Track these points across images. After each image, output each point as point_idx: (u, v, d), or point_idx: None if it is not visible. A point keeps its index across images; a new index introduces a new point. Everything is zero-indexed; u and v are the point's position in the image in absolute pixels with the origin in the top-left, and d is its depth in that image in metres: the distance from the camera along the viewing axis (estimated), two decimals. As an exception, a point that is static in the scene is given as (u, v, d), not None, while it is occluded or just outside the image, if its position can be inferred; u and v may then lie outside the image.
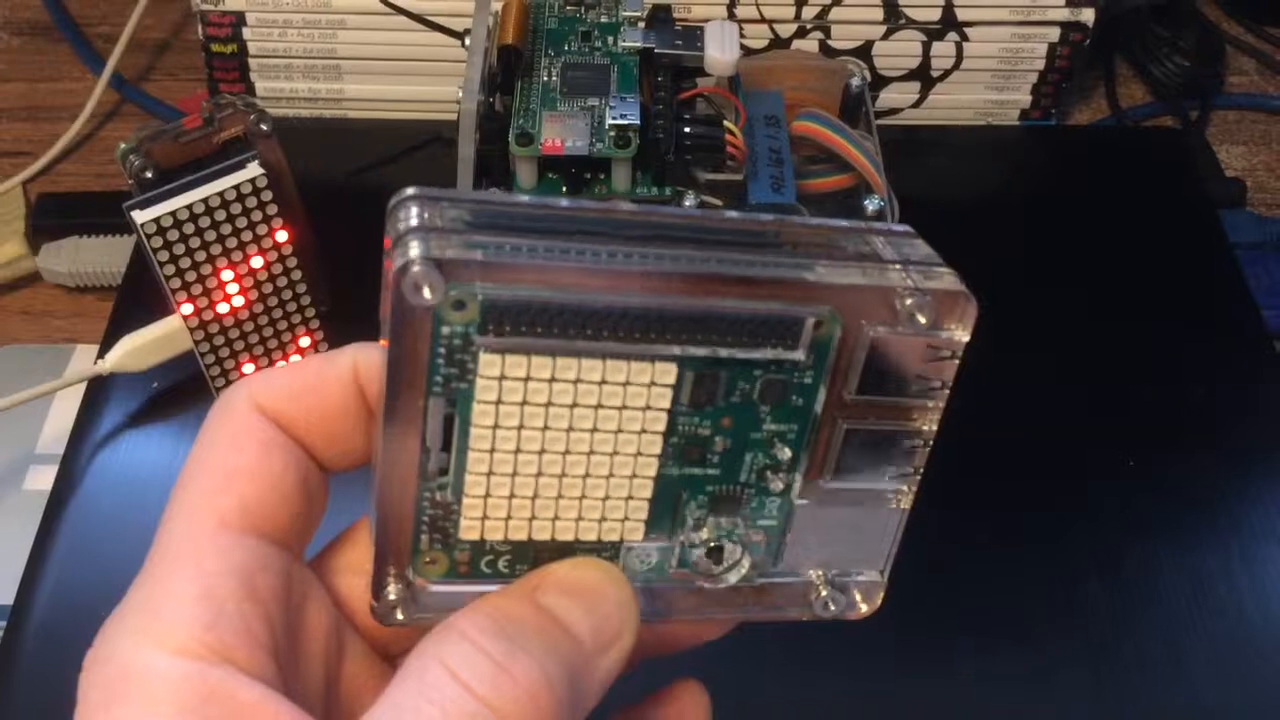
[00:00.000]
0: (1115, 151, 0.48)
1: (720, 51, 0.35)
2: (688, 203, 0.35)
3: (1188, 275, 0.43)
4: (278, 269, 0.35)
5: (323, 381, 0.19)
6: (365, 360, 0.19)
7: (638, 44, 0.36)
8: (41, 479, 0.38)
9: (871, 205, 0.36)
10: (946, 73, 0.48)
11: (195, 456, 0.19)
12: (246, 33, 0.46)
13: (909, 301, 0.18)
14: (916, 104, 0.48)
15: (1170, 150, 0.48)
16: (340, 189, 0.43)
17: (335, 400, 0.19)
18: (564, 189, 0.34)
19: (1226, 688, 0.33)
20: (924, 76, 0.48)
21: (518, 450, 0.18)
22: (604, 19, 0.37)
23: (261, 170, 0.34)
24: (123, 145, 0.34)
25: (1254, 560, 0.35)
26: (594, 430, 0.18)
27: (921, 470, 0.21)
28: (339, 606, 0.20)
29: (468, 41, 0.35)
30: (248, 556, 0.18)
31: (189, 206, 0.33)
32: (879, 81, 0.48)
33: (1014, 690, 0.33)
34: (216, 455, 0.19)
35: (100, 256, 0.44)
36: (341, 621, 0.20)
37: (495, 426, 0.18)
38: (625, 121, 0.34)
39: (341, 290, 0.39)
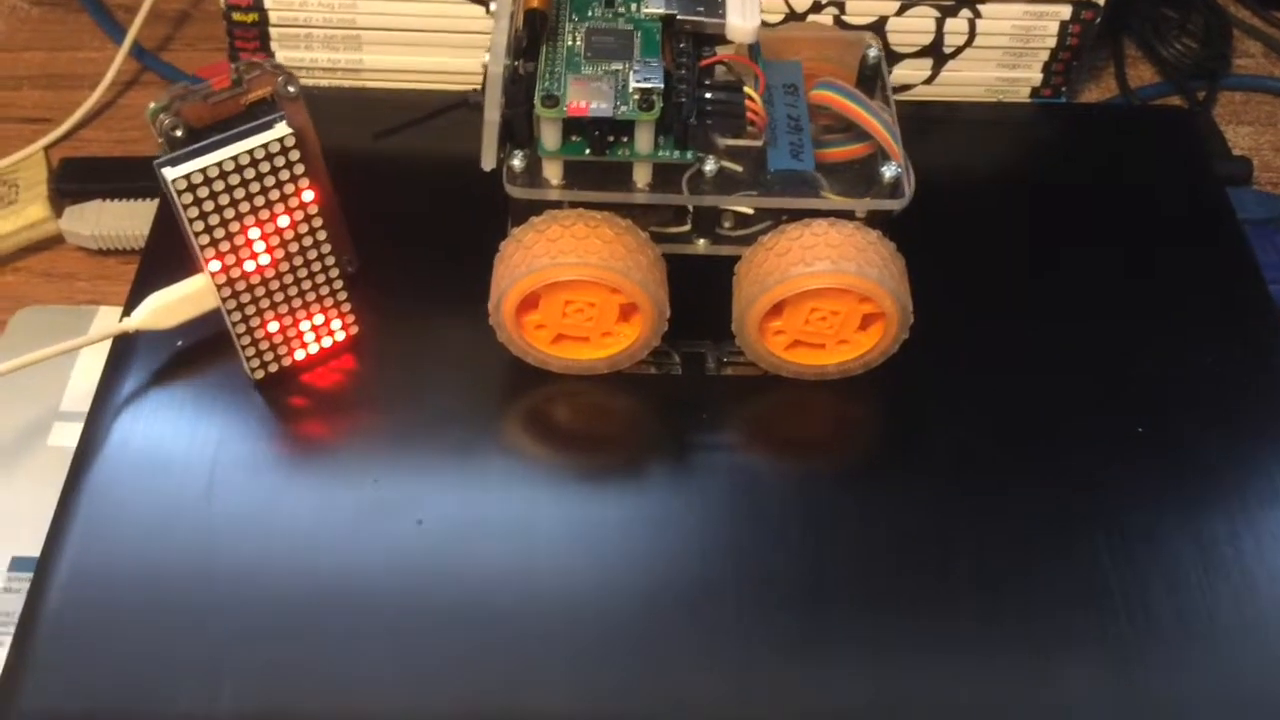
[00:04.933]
0: (1123, 129, 0.49)
1: (742, 19, 0.35)
2: (708, 167, 0.35)
3: (1196, 250, 0.43)
4: (304, 229, 0.36)
5: None
6: None
7: (660, 10, 0.36)
8: (66, 435, 0.38)
9: (889, 172, 0.36)
10: (959, 49, 0.48)
11: None
12: (268, 1, 0.46)
13: None
14: (929, 80, 0.49)
15: (1178, 129, 0.49)
16: (361, 156, 0.43)
17: None
18: (587, 151, 0.35)
19: (1234, 653, 0.34)
20: (937, 53, 0.48)
21: None
22: (627, -14, 0.37)
23: (290, 130, 0.34)
24: (153, 104, 0.34)
25: (1260, 526, 0.36)
26: None
27: None
28: None
29: (493, 6, 0.35)
30: None
31: (219, 164, 0.33)
32: (892, 57, 0.48)
33: (1021, 659, 0.34)
34: None
35: (123, 220, 0.44)
36: None
37: None
38: (649, 85, 0.34)
39: (364, 253, 0.40)
